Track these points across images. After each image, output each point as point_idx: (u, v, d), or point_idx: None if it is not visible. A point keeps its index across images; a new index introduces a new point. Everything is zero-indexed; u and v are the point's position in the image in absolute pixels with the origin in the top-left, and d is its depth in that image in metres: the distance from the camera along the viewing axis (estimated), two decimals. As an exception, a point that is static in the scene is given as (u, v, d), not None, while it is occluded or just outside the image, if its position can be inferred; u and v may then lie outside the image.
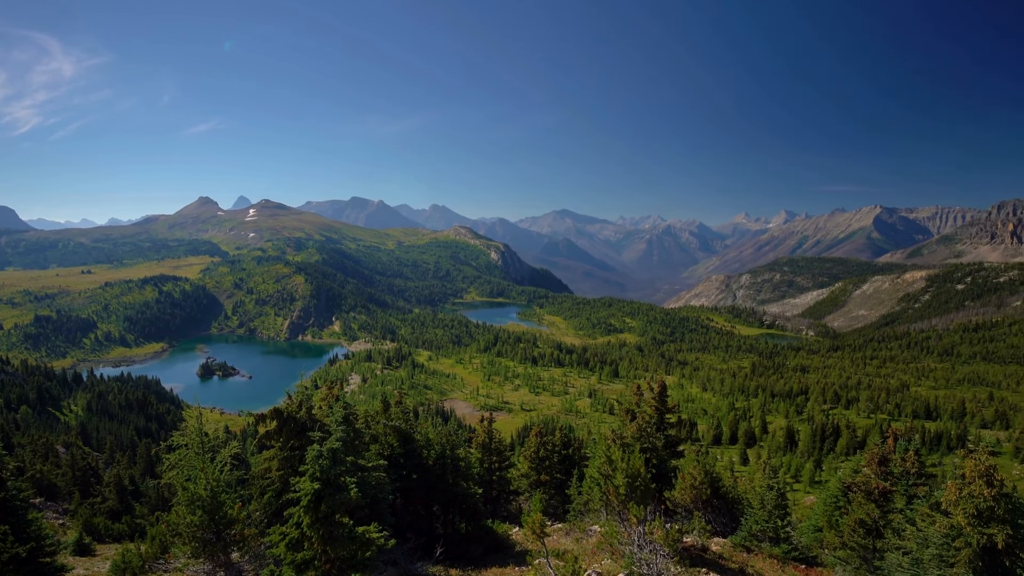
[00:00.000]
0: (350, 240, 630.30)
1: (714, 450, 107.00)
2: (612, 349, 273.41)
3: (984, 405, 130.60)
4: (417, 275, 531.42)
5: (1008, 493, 16.01)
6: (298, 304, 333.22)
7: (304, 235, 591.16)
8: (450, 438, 27.08)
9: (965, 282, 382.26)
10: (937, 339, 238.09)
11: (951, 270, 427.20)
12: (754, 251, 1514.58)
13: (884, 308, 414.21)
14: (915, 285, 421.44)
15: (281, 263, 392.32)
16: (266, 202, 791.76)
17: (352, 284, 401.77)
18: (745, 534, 24.46)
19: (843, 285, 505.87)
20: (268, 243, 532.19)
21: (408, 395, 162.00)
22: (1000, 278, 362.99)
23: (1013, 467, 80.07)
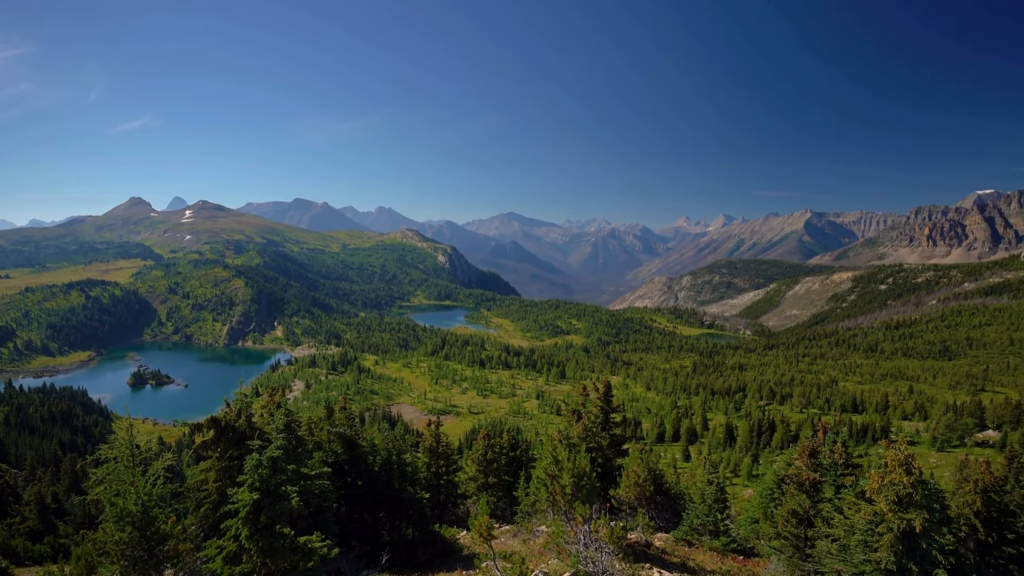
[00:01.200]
0: (293, 243, 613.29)
1: (658, 448, 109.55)
2: (559, 351, 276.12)
3: (905, 398, 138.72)
4: (363, 278, 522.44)
5: (925, 480, 17.09)
6: (238, 309, 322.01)
7: (244, 237, 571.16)
8: (396, 443, 26.79)
9: (887, 282, 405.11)
10: (863, 336, 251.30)
11: (874, 271, 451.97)
12: (694, 253, 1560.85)
13: (815, 308, 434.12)
14: (842, 286, 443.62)
15: (220, 266, 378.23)
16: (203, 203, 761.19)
17: (295, 288, 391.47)
18: (687, 528, 25.22)
19: (777, 286, 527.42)
20: (206, 246, 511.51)
21: (354, 401, 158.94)
22: (918, 279, 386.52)
23: (931, 455, 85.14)
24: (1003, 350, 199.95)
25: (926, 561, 16.33)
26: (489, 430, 42.34)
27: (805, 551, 20.73)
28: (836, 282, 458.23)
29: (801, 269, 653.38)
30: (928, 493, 16.75)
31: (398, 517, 25.28)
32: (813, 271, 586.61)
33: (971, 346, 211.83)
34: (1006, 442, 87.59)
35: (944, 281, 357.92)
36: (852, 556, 17.42)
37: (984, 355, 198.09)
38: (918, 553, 16.47)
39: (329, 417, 25.96)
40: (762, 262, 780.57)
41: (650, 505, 27.42)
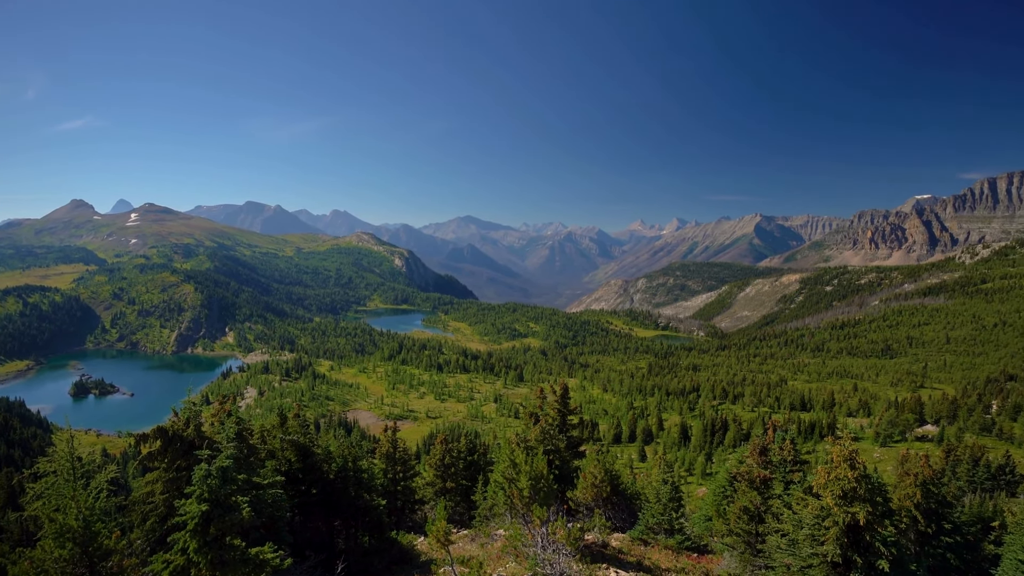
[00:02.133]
0: (245, 246, 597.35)
1: (615, 448, 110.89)
2: (517, 354, 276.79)
3: (850, 395, 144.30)
4: (318, 283, 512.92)
5: (868, 474, 17.75)
6: (187, 315, 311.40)
7: (194, 241, 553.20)
8: (352, 449, 26.33)
9: (832, 284, 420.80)
10: (810, 336, 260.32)
11: (821, 273, 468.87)
12: (649, 256, 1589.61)
13: (765, 309, 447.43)
14: (791, 287, 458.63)
15: (168, 271, 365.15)
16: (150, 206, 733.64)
17: (247, 293, 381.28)
18: (642, 528, 25.56)
19: (729, 288, 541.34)
20: (153, 250, 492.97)
21: (308, 407, 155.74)
22: (861, 280, 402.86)
23: (874, 450, 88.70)
24: (940, 348, 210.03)
25: (869, 552, 16.93)
26: (447, 434, 42.01)
27: (756, 546, 21.26)
28: (785, 284, 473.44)
29: (752, 271, 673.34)
30: (871, 487, 17.38)
31: (354, 525, 24.84)
32: (763, 273, 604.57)
33: (911, 345, 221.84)
34: (944, 436, 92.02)
35: (886, 282, 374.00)
36: (800, 550, 17.94)
37: (923, 353, 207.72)
38: (862, 545, 17.06)
39: (282, 424, 25.32)
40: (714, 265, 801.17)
41: (607, 506, 27.71)
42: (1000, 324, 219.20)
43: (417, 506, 35.57)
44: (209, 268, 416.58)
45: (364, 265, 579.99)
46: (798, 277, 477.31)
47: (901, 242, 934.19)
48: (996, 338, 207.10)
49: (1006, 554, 20.93)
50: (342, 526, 24.92)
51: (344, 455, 25.10)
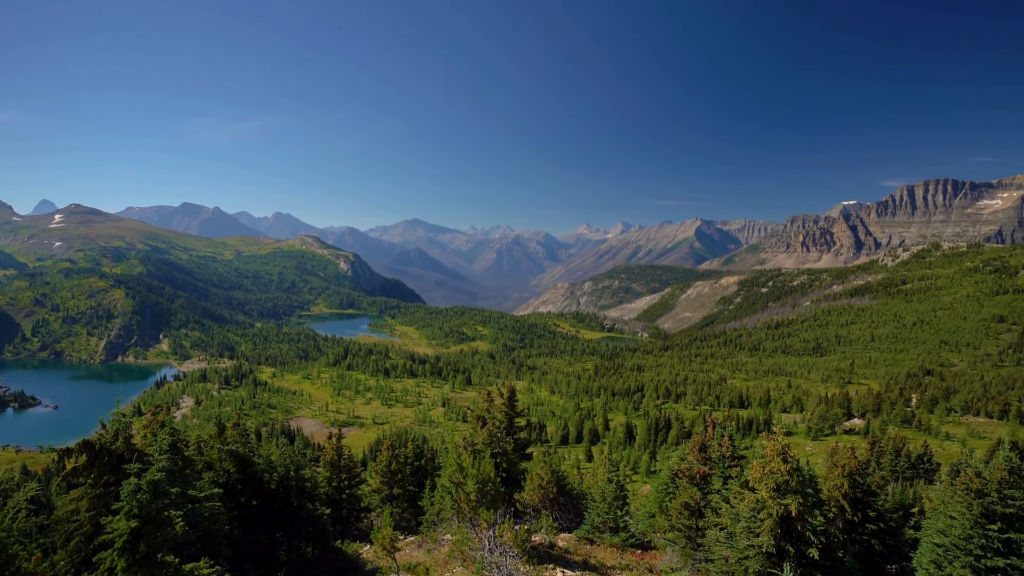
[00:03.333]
0: (181, 249, 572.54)
1: (562, 450, 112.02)
2: (465, 357, 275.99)
3: (784, 392, 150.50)
4: (259, 287, 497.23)
5: (799, 467, 18.58)
6: (117, 321, 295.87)
7: (125, 244, 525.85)
8: (295, 458, 25.68)
9: (768, 286, 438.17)
10: (747, 336, 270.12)
11: (757, 275, 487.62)
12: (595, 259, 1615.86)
13: (705, 310, 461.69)
14: (729, 289, 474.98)
15: (96, 276, 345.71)
16: (76, 207, 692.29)
17: (183, 298, 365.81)
18: (588, 527, 25.94)
19: (672, 290, 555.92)
20: (79, 253, 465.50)
21: (249, 416, 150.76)
22: (794, 282, 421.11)
23: (806, 444, 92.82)
24: (866, 346, 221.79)
25: (801, 542, 17.70)
26: (394, 440, 41.57)
27: (697, 541, 21.91)
28: (724, 286, 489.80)
29: (693, 274, 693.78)
30: (802, 479, 18.20)
31: (297, 536, 24.22)
32: (703, 276, 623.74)
33: (839, 343, 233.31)
34: (869, 429, 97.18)
35: (816, 284, 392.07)
36: (737, 542, 18.59)
37: (850, 351, 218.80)
38: (794, 535, 17.82)
39: (220, 434, 24.47)
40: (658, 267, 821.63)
41: (554, 506, 27.99)
42: (919, 322, 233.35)
43: (363, 514, 34.98)
44: (142, 272, 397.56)
45: (308, 269, 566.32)
46: (736, 279, 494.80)
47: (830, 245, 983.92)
48: (915, 336, 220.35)
49: (923, 537, 22.29)
50: (284, 537, 24.26)
51: (286, 464, 24.46)
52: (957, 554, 19.52)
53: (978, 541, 19.00)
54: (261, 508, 22.82)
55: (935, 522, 21.54)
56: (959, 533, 19.57)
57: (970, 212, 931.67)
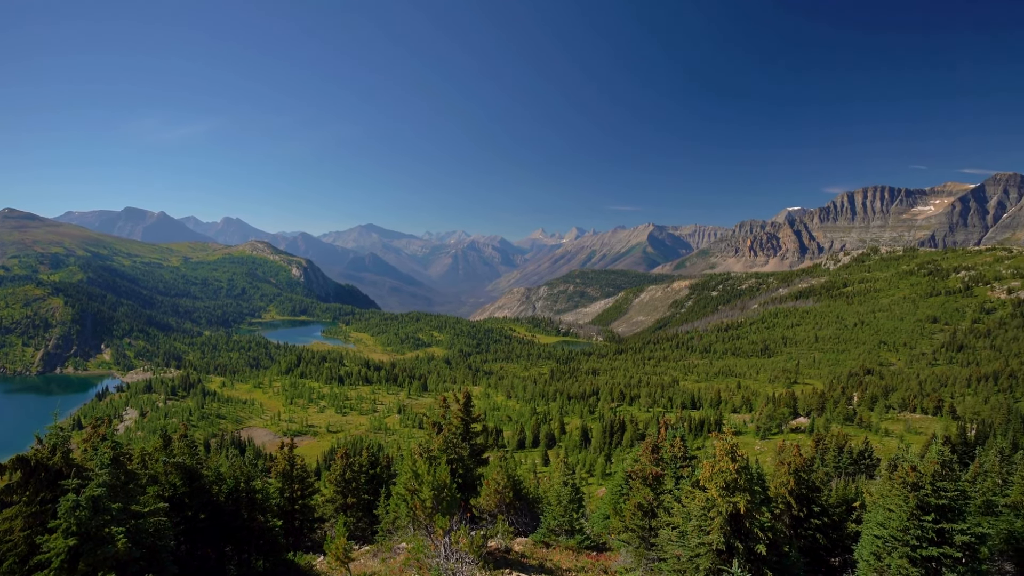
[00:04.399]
0: (124, 256, 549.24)
1: (519, 454, 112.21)
2: (421, 363, 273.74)
3: (734, 393, 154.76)
4: (208, 294, 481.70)
5: (747, 466, 19.17)
6: (55, 331, 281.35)
7: (63, 251, 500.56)
8: (245, 469, 25.00)
9: (718, 289, 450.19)
10: (699, 339, 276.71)
11: (707, 279, 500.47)
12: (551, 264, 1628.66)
13: (658, 313, 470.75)
14: (681, 293, 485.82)
15: (32, 283, 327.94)
16: (10, 211, 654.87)
17: (127, 306, 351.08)
18: (544, 530, 26.12)
19: (625, 294, 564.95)
20: (13, 260, 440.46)
21: (197, 427, 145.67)
22: (743, 285, 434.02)
23: (755, 443, 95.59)
24: (810, 346, 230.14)
25: (749, 538, 18.26)
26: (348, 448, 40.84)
27: (650, 541, 22.33)
28: (676, 290, 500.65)
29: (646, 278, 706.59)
30: (750, 477, 18.78)
31: (247, 549, 23.57)
32: (656, 280, 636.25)
33: (786, 344, 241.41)
34: (814, 427, 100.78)
35: (763, 287, 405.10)
36: (689, 540, 19.04)
37: (796, 352, 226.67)
38: (743, 532, 18.37)
39: (166, 447, 23.64)
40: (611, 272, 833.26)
41: (510, 511, 28.06)
42: (859, 323, 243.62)
43: (316, 524, 34.29)
44: (82, 280, 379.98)
45: (259, 275, 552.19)
46: (687, 283, 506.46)
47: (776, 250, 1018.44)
48: (856, 336, 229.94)
49: (864, 530, 23.29)
50: (234, 551, 23.57)
51: (236, 476, 23.80)
52: (895, 545, 20.47)
53: (914, 532, 19.99)
54: (209, 522, 22.14)
55: (875, 515, 22.55)
56: (897, 525, 20.54)
57: (905, 218, 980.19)
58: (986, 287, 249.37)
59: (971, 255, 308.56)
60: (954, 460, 21.33)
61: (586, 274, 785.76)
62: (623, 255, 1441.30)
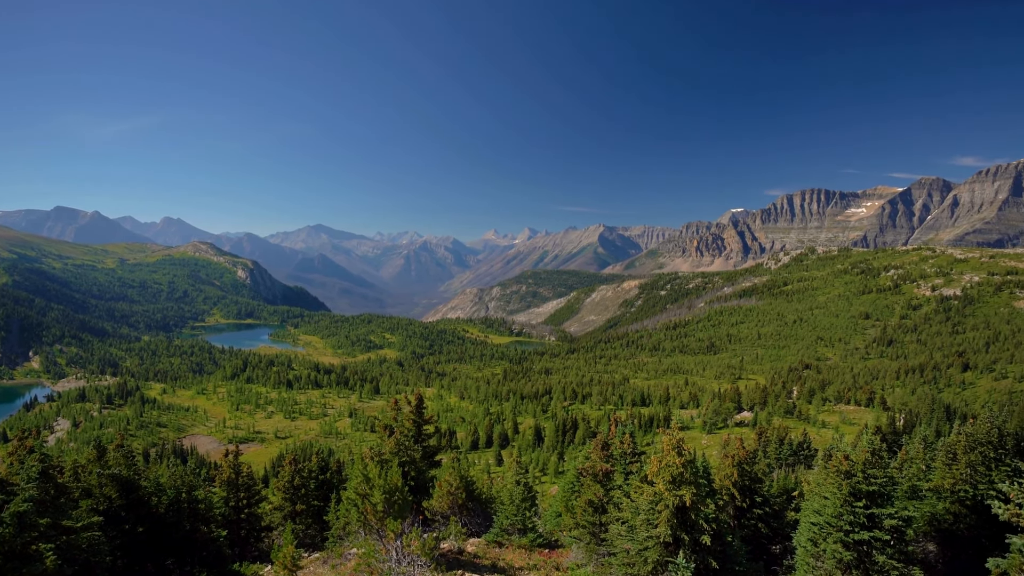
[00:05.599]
0: (54, 258, 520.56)
1: (472, 455, 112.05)
2: (373, 366, 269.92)
3: (682, 389, 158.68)
4: (146, 297, 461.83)
5: (692, 460, 19.75)
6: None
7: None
8: (187, 479, 24.22)
9: (666, 289, 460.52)
10: (648, 337, 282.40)
11: (656, 279, 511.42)
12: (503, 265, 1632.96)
13: (609, 313, 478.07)
14: (631, 292, 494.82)
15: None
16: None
17: (57, 310, 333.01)
18: (497, 530, 26.23)
19: (577, 294, 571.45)
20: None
21: (135, 436, 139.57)
22: (690, 285, 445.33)
23: (702, 438, 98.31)
24: (754, 343, 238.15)
25: (695, 530, 18.83)
26: (297, 454, 40.02)
27: (600, 536, 22.73)
28: (626, 289, 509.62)
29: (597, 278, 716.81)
30: (695, 471, 19.38)
31: (190, 562, 22.81)
32: (607, 280, 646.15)
33: (730, 341, 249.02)
34: (756, 420, 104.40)
35: (709, 286, 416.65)
36: (637, 534, 19.49)
37: (740, 348, 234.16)
38: (688, 524, 18.94)
39: (101, 458, 22.63)
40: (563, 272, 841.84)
41: (463, 512, 28.06)
42: (798, 320, 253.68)
43: (264, 533, 33.43)
44: (7, 283, 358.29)
45: (202, 277, 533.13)
46: (637, 283, 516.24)
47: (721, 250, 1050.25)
48: (796, 332, 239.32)
49: (802, 518, 24.31)
50: (175, 564, 22.77)
51: (177, 486, 23.03)
52: (830, 531, 21.45)
53: (847, 517, 20.99)
54: (149, 535, 21.34)
55: (811, 503, 23.58)
56: (831, 511, 21.53)
57: (840, 219, 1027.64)
58: (913, 285, 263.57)
59: (899, 255, 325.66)
60: (883, 449, 22.51)
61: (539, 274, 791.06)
62: (575, 255, 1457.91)
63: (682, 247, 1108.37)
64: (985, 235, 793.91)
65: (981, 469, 27.38)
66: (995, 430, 27.86)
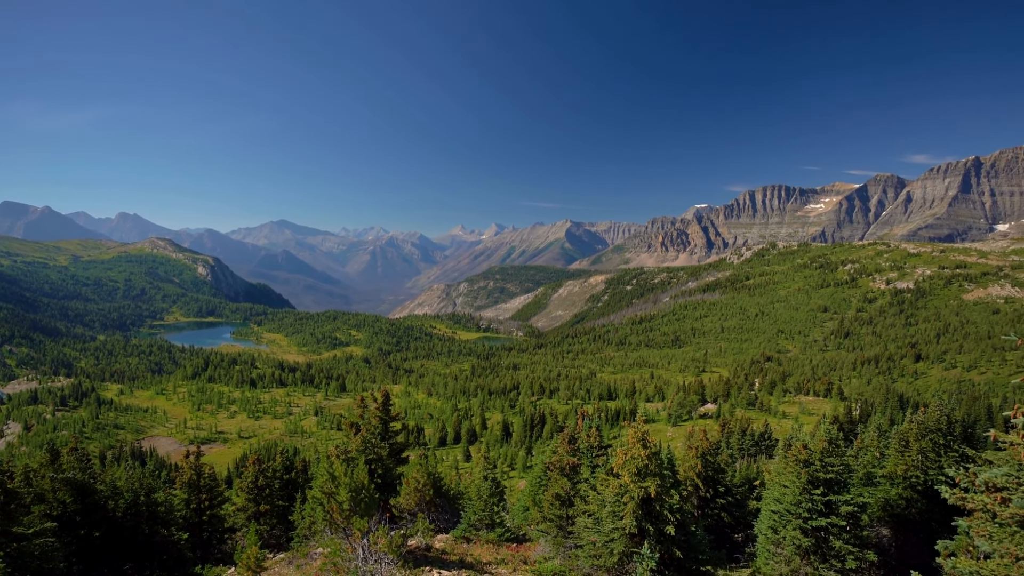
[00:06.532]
0: (2, 255, 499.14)
1: (440, 451, 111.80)
2: (338, 363, 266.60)
3: (648, 383, 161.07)
4: (102, 296, 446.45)
5: (657, 452, 20.12)
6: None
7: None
8: (145, 482, 23.59)
9: (632, 284, 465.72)
10: (615, 332, 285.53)
11: (622, 274, 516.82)
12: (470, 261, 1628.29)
13: (576, 308, 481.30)
14: (597, 287, 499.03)
15: None
16: None
17: (6, 310, 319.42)
18: (465, 526, 26.27)
19: (544, 290, 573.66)
20: None
21: (91, 439, 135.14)
22: (655, 279, 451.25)
23: (667, 430, 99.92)
24: (717, 337, 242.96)
25: (660, 520, 19.20)
26: (261, 454, 39.34)
27: (567, 529, 22.99)
28: (592, 284, 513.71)
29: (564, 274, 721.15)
30: (660, 463, 19.74)
31: (150, 566, 22.25)
32: (574, 275, 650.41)
33: (695, 335, 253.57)
34: (720, 412, 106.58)
35: (674, 281, 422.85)
36: (604, 526, 19.78)
37: (704, 342, 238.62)
38: (653, 514, 19.29)
39: (54, 462, 21.90)
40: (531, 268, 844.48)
41: (431, 508, 28.02)
42: (760, 314, 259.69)
43: (227, 535, 32.82)
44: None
45: (161, 275, 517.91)
46: (604, 278, 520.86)
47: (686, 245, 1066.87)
48: (758, 326, 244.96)
49: (763, 506, 24.98)
50: (134, 569, 22.19)
51: (135, 489, 22.43)
52: (790, 518, 22.11)
53: (806, 505, 21.67)
54: (105, 539, 20.74)
55: (772, 491, 24.26)
56: (791, 499, 22.20)
57: (800, 215, 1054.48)
58: (868, 279, 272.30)
59: (856, 249, 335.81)
60: (840, 438, 23.29)
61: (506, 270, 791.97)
62: (542, 251, 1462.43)
63: (647, 242, 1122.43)
64: (936, 230, 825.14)
65: (931, 455, 28.54)
66: (944, 418, 29.08)
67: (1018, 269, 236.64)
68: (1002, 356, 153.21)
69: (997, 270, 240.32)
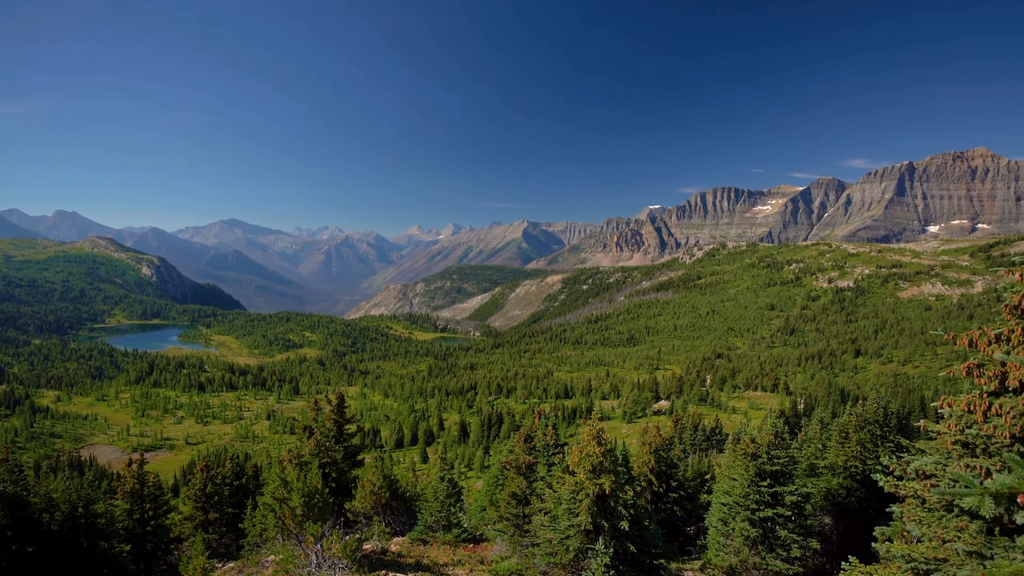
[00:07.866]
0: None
1: (397, 453, 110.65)
2: (292, 365, 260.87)
3: (604, 381, 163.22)
4: (37, 298, 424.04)
5: (612, 449, 20.37)
6: None
7: None
8: (84, 492, 22.52)
9: (588, 283, 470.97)
10: (571, 331, 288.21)
11: (578, 274, 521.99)
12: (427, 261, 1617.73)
13: (533, 307, 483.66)
14: (554, 287, 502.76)
15: None
16: None
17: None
18: (422, 527, 26.08)
19: (502, 289, 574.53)
20: None
21: (25, 449, 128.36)
22: (610, 279, 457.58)
23: (623, 427, 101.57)
24: (670, 335, 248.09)
25: (614, 516, 19.44)
26: (210, 460, 38.13)
27: (524, 527, 23.07)
28: (549, 284, 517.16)
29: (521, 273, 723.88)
30: (615, 459, 19.99)
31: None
32: (531, 275, 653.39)
33: (649, 333, 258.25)
34: (673, 408, 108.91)
35: (629, 281, 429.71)
36: (560, 523, 19.92)
37: (658, 340, 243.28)
38: (608, 511, 19.52)
39: (-19, 474, 20.67)
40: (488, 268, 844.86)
41: (387, 511, 27.71)
42: (711, 312, 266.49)
43: (173, 545, 31.64)
44: None
45: (102, 275, 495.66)
46: (560, 278, 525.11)
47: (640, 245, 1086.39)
48: (709, 324, 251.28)
49: (713, 500, 25.68)
50: (72, 584, 21.18)
51: (72, 500, 21.39)
52: (738, 510, 22.76)
53: (753, 496, 22.35)
54: (40, 554, 19.72)
55: (722, 485, 24.95)
56: (740, 492, 22.85)
57: (748, 216, 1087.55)
58: (812, 278, 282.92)
59: (800, 249, 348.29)
60: (785, 431, 24.12)
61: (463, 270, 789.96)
62: (499, 251, 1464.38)
63: (603, 242, 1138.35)
64: (874, 231, 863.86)
65: (869, 446, 29.86)
66: (881, 410, 30.45)
67: (948, 268, 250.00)
68: (934, 351, 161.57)
69: (929, 269, 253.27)
